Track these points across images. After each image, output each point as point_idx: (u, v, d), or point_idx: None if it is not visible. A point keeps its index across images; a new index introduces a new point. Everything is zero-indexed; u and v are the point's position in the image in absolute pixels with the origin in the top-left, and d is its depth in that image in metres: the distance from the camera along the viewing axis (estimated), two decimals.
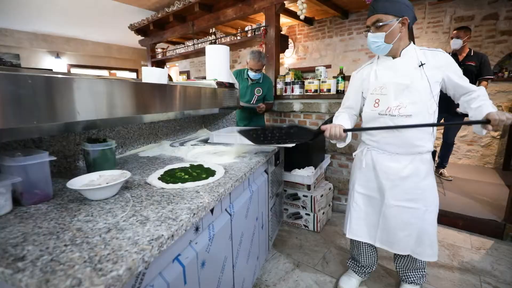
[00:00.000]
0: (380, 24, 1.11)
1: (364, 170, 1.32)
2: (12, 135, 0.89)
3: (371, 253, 1.52)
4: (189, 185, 0.89)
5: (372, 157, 1.29)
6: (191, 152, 1.42)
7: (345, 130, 1.18)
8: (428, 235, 1.24)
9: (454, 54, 2.83)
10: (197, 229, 0.79)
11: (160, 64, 5.35)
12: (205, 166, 1.10)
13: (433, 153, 1.25)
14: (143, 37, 5.15)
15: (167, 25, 4.56)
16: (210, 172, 1.01)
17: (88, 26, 5.97)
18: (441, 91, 1.21)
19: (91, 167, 0.97)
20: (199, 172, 1.02)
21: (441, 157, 3.19)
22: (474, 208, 2.41)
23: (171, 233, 0.60)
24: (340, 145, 1.29)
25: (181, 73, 7.58)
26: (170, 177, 0.96)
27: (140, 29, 4.88)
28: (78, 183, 0.80)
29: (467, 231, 2.23)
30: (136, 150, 1.51)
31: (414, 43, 1.24)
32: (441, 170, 3.22)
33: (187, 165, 1.12)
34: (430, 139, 1.20)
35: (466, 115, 1.15)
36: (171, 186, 0.87)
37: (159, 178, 0.95)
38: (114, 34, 6.74)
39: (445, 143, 3.13)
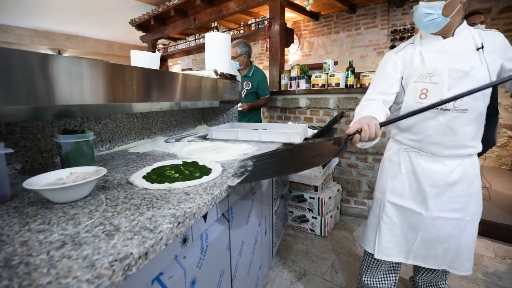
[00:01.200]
0: None
1: (401, 176, 1.09)
2: None
3: (391, 277, 1.28)
4: (178, 185, 0.73)
5: (411, 160, 1.06)
6: (186, 149, 1.27)
7: (382, 125, 0.91)
8: (468, 248, 1.06)
9: None
10: (184, 240, 0.64)
11: (161, 61, 5.22)
12: (200, 163, 0.94)
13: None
14: (144, 33, 5.03)
15: (168, 19, 4.44)
16: (205, 171, 0.86)
17: (89, 23, 5.88)
18: None
19: (64, 163, 0.83)
20: (192, 170, 0.86)
21: None
22: (494, 213, 2.22)
23: (144, 250, 0.45)
24: (365, 145, 0.94)
25: (183, 70, 7.46)
26: (157, 175, 0.81)
27: (141, 25, 4.76)
28: (41, 181, 0.65)
29: (488, 238, 2.05)
30: (127, 145, 1.36)
31: None
32: None
33: (180, 162, 0.97)
34: (481, 137, 1.01)
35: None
36: (156, 186, 0.72)
37: (144, 177, 0.80)
38: (116, 32, 6.64)
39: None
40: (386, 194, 1.13)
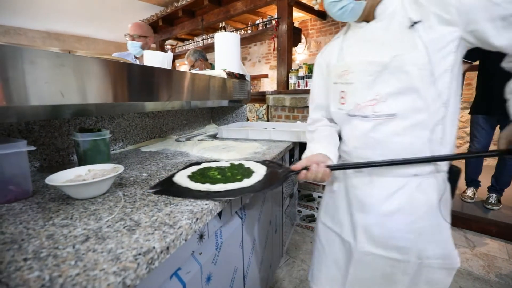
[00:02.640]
0: None
1: (334, 195, 0.86)
2: None
3: None
4: (219, 187, 0.69)
5: (345, 177, 0.82)
6: (197, 147, 1.28)
7: (332, 168, 0.75)
8: None
9: None
10: (201, 236, 0.65)
11: None
12: (246, 166, 0.89)
13: (456, 172, 0.74)
14: None
15: (176, 20, 4.48)
16: (246, 174, 0.80)
17: (99, 25, 5.98)
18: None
19: (82, 161, 0.85)
20: (235, 172, 0.81)
21: (495, 176, 2.24)
22: (508, 214, 2.17)
23: (165, 244, 0.46)
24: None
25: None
26: (201, 176, 0.78)
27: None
28: (61, 178, 0.67)
29: (501, 239, 2.00)
30: (139, 144, 1.39)
31: None
32: (490, 196, 2.24)
33: (227, 164, 0.91)
34: (444, 145, 0.68)
35: None
36: (197, 186, 0.70)
37: (188, 176, 0.77)
38: (125, 33, 6.74)
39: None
40: (320, 213, 0.93)
